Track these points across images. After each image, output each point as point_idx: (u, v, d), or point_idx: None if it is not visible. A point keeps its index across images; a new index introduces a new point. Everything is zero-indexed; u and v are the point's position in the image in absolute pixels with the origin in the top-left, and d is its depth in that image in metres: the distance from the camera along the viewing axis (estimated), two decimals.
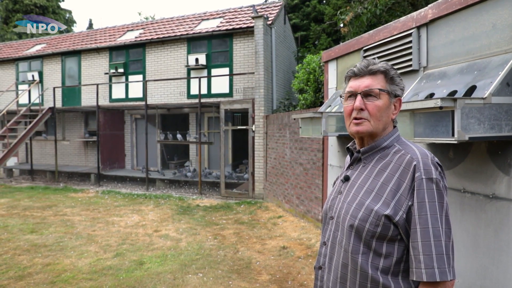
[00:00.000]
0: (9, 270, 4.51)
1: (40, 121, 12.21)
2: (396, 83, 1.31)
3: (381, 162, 1.27)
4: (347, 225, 1.23)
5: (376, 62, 1.32)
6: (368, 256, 1.19)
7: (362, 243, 1.19)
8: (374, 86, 1.26)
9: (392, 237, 1.17)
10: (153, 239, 5.83)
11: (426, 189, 1.15)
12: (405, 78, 4.01)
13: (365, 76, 1.29)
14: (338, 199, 1.33)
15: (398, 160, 1.23)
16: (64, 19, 29.43)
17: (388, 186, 1.20)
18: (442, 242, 1.11)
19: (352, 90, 1.30)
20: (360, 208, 1.21)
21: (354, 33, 8.77)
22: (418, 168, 1.17)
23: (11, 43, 17.81)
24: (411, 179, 1.17)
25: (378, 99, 1.26)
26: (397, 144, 1.29)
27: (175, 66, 11.63)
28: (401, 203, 1.17)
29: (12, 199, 9.44)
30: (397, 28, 4.04)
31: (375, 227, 1.17)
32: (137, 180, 11.83)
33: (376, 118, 1.26)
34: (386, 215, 1.16)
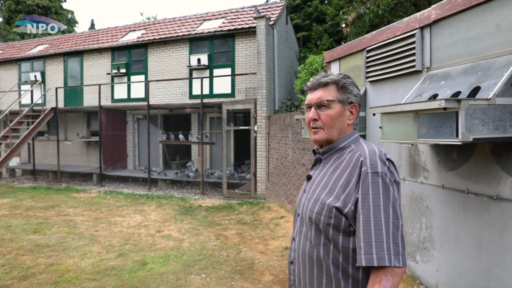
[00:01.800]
0: (12, 270, 4.52)
1: (42, 122, 12.24)
2: (349, 91, 1.41)
3: (337, 161, 1.38)
4: (307, 218, 1.36)
5: (329, 74, 1.44)
6: (329, 246, 1.29)
7: (322, 235, 1.30)
8: (324, 97, 1.39)
9: (345, 228, 1.26)
10: (156, 239, 5.83)
11: (370, 182, 1.23)
12: (408, 79, 4.01)
13: (318, 89, 1.42)
14: (303, 197, 1.45)
15: (350, 158, 1.34)
16: (66, 20, 29.50)
17: (340, 181, 1.31)
18: (382, 230, 1.18)
19: (308, 103, 1.44)
20: (316, 203, 1.33)
21: (357, 34, 8.76)
22: (364, 163, 1.27)
23: (13, 44, 17.86)
24: (358, 173, 1.27)
25: (329, 109, 1.38)
26: (354, 144, 1.39)
27: (177, 67, 11.65)
28: (350, 196, 1.27)
29: (14, 199, 9.46)
30: (400, 29, 4.03)
31: (328, 219, 1.28)
32: (139, 181, 11.84)
33: (329, 126, 1.38)
34: (336, 207, 1.27)
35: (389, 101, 4.33)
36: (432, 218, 3.62)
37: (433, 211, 3.60)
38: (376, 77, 4.57)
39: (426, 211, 3.72)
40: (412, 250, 3.94)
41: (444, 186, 3.44)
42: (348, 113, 1.41)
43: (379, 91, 4.61)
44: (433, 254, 3.59)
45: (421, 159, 3.80)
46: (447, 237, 3.39)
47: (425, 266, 3.71)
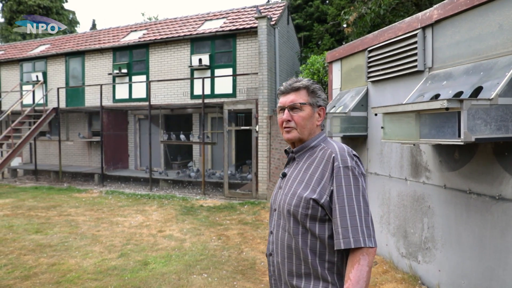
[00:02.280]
0: (15, 270, 4.54)
1: (44, 122, 12.26)
2: (317, 95, 1.57)
3: (310, 158, 1.53)
4: (286, 211, 1.48)
5: (300, 80, 1.58)
6: (306, 236, 1.43)
7: (300, 225, 1.44)
8: (297, 100, 1.53)
9: (321, 217, 1.42)
10: (157, 239, 5.84)
11: (343, 175, 1.40)
12: (410, 79, 4.01)
13: (290, 92, 1.56)
14: (279, 193, 1.58)
15: (322, 155, 1.49)
16: (67, 20, 29.54)
17: (315, 176, 1.46)
18: (356, 217, 1.34)
19: (281, 105, 1.57)
20: (294, 197, 1.46)
21: (358, 34, 8.76)
22: (336, 159, 1.43)
23: (15, 44, 17.90)
24: (331, 168, 1.43)
25: (302, 111, 1.53)
26: (323, 143, 1.55)
27: (178, 67, 11.66)
28: (325, 188, 1.42)
29: (16, 199, 9.48)
30: (402, 29, 4.03)
31: (306, 210, 1.42)
32: (140, 181, 11.85)
33: (301, 126, 1.53)
34: (313, 199, 1.41)
35: (391, 101, 4.33)
36: (434, 218, 3.62)
37: (435, 211, 3.60)
38: (377, 77, 4.57)
39: (428, 211, 3.72)
40: (414, 250, 3.94)
41: (446, 186, 3.44)
42: (317, 115, 1.57)
43: (381, 91, 4.61)
44: (435, 254, 3.58)
45: (423, 159, 3.80)
46: (449, 237, 3.39)
47: (427, 266, 3.71)
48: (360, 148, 5.08)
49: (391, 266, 4.29)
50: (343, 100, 5.29)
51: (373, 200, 4.77)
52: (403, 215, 4.14)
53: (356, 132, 4.90)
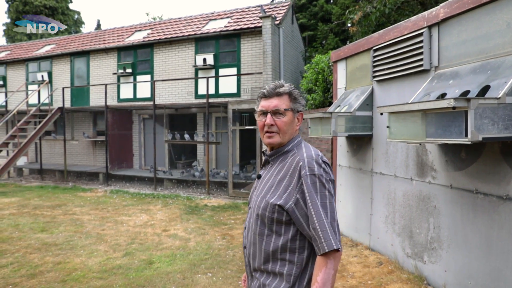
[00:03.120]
0: (21, 268, 4.56)
1: (49, 121, 12.33)
2: (298, 101, 1.62)
3: (281, 163, 1.59)
4: (255, 213, 1.58)
5: (282, 84, 1.61)
6: (271, 237, 1.52)
7: (266, 227, 1.53)
8: (280, 106, 1.57)
9: (286, 221, 1.49)
10: (162, 238, 5.85)
11: (310, 183, 1.45)
12: (415, 78, 3.99)
13: (273, 97, 1.59)
14: (254, 193, 1.66)
15: (291, 161, 1.54)
16: (73, 20, 29.70)
17: (283, 183, 1.53)
18: (324, 222, 1.41)
19: (264, 109, 1.59)
20: (263, 200, 1.54)
21: (363, 33, 8.72)
22: (303, 167, 1.48)
23: (21, 44, 18.02)
24: (298, 175, 1.49)
25: (284, 116, 1.57)
26: (296, 148, 1.59)
27: (183, 66, 11.67)
28: (291, 195, 1.48)
29: (22, 198, 9.54)
30: (408, 28, 4.01)
31: (272, 214, 1.50)
32: (145, 180, 11.88)
33: (283, 132, 1.58)
34: (278, 205, 1.48)
35: (396, 100, 4.30)
36: (440, 218, 3.60)
37: (441, 211, 3.58)
38: (383, 76, 4.55)
39: (433, 211, 3.69)
40: (419, 250, 3.91)
41: (452, 186, 3.42)
42: (296, 120, 1.63)
43: (386, 91, 4.59)
44: (441, 254, 3.56)
45: (429, 158, 3.78)
46: (455, 237, 3.37)
47: (432, 267, 3.69)
48: (365, 148, 5.06)
49: (396, 266, 4.27)
50: (348, 100, 5.27)
51: (378, 200, 4.75)
52: (409, 215, 4.11)
53: (361, 131, 4.88)
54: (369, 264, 4.48)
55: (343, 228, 5.64)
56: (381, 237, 4.70)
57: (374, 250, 4.84)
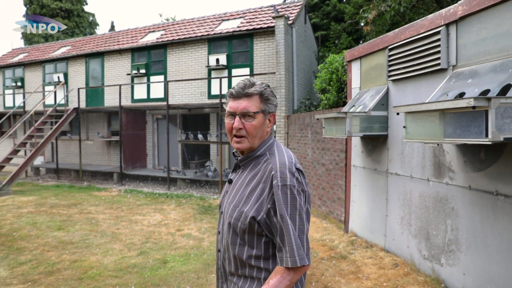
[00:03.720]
0: (39, 266, 4.65)
1: (65, 121, 12.54)
2: (270, 102, 1.52)
3: (254, 170, 1.51)
4: (227, 222, 1.51)
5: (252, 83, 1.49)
6: (243, 247, 1.47)
7: (238, 237, 1.47)
8: (250, 108, 1.46)
9: (258, 232, 1.44)
10: (176, 238, 5.89)
11: (281, 194, 1.38)
12: (432, 78, 3.92)
13: (242, 98, 1.48)
14: (226, 197, 1.59)
15: (264, 169, 1.46)
16: (87, 22, 30.16)
17: (255, 192, 1.45)
18: (291, 236, 1.36)
19: (232, 111, 1.49)
20: (235, 210, 1.48)
21: (377, 32, 8.63)
22: (275, 177, 1.40)
23: (38, 46, 18.37)
24: (270, 185, 1.41)
25: (254, 119, 1.47)
26: (268, 153, 1.51)
27: (196, 67, 11.74)
28: (262, 205, 1.42)
29: (39, 196, 9.73)
30: (424, 26, 3.94)
31: (244, 225, 1.43)
32: (158, 180, 11.98)
33: (252, 136, 1.48)
34: (252, 216, 1.42)
35: (412, 100, 4.24)
36: (458, 220, 3.53)
37: (459, 212, 3.51)
38: (398, 75, 4.48)
39: (451, 212, 3.63)
40: (436, 253, 3.85)
41: (471, 187, 3.35)
42: (267, 121, 1.53)
43: (402, 90, 4.53)
44: (459, 257, 3.49)
45: (446, 159, 3.71)
46: (474, 240, 3.30)
47: (450, 270, 3.62)
48: (380, 148, 5.00)
49: (412, 268, 4.20)
50: (362, 100, 5.22)
51: (394, 201, 4.68)
52: (425, 217, 4.05)
53: (376, 131, 4.83)
54: (385, 265, 4.43)
55: (358, 229, 5.59)
56: (396, 238, 4.64)
57: (390, 252, 4.78)
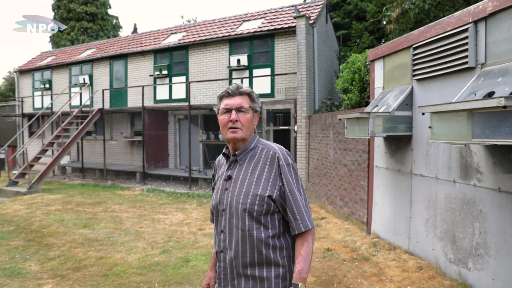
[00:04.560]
0: (67, 261, 4.80)
1: (90, 122, 12.88)
2: (256, 102, 1.76)
3: (253, 159, 1.71)
4: (241, 210, 1.63)
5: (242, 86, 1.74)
6: (260, 230, 1.62)
7: (255, 221, 1.62)
8: (244, 103, 1.70)
9: (273, 210, 1.64)
10: (198, 237, 5.95)
11: (287, 171, 1.67)
12: (459, 76, 3.82)
13: (237, 95, 1.71)
14: (226, 194, 1.71)
15: (265, 155, 1.70)
16: (111, 25, 30.86)
17: (263, 175, 1.66)
18: (302, 205, 1.64)
19: (228, 107, 1.70)
20: (248, 196, 1.63)
21: (400, 30, 8.47)
22: (280, 159, 1.68)
23: (65, 49, 18.94)
24: (277, 166, 1.67)
25: (247, 114, 1.70)
26: (260, 144, 1.75)
27: (217, 67, 11.83)
28: (274, 185, 1.64)
29: (66, 195, 10.03)
30: (451, 24, 3.85)
31: (261, 207, 1.61)
32: (180, 179, 12.14)
33: (246, 128, 1.70)
34: (268, 196, 1.62)
35: (438, 100, 4.14)
36: (486, 223, 3.43)
37: (488, 215, 3.40)
38: (423, 75, 4.39)
39: (479, 215, 3.52)
40: (463, 256, 3.75)
41: (500, 189, 3.25)
42: (254, 119, 1.76)
43: (427, 90, 4.43)
44: (488, 261, 3.39)
45: (474, 160, 3.61)
46: (504, 244, 3.19)
47: (478, 274, 3.52)
48: (403, 149, 4.91)
49: (437, 271, 4.11)
50: (386, 99, 5.13)
51: (418, 202, 4.59)
52: (451, 219, 3.95)
53: (400, 132, 4.74)
54: (408, 268, 4.34)
55: (380, 231, 5.50)
56: (421, 241, 4.54)
57: (414, 254, 4.68)
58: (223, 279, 1.71)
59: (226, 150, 1.81)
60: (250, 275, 1.65)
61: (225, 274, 1.70)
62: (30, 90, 17.32)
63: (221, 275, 1.72)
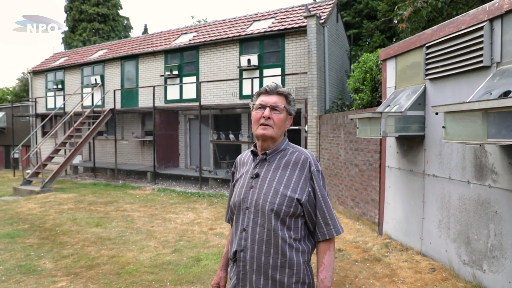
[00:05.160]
0: (80, 260, 4.86)
1: (102, 122, 13.02)
2: (292, 106, 1.76)
3: (282, 160, 1.70)
4: (268, 209, 1.61)
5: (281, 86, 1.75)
6: (284, 231, 1.61)
7: (280, 221, 1.60)
8: (279, 103, 1.70)
9: (298, 214, 1.63)
10: (209, 236, 5.97)
11: (319, 178, 1.68)
12: (473, 76, 3.77)
13: (274, 94, 1.72)
14: (251, 192, 1.68)
15: (296, 159, 1.70)
16: (122, 25, 31.16)
17: (293, 178, 1.65)
18: (331, 212, 1.68)
19: (263, 104, 1.70)
20: (276, 196, 1.62)
21: (412, 29, 8.38)
22: (311, 164, 1.68)
23: (77, 50, 19.19)
24: (308, 171, 1.67)
25: (280, 114, 1.69)
26: (290, 147, 1.75)
27: (227, 67, 11.85)
28: (303, 189, 1.64)
29: (78, 194, 10.16)
30: (466, 22, 3.80)
31: (289, 208, 1.60)
32: (190, 179, 12.20)
33: (277, 127, 1.69)
34: (297, 198, 1.61)
35: (452, 99, 4.09)
36: (502, 224, 3.37)
37: (504, 217, 3.35)
38: (437, 74, 4.34)
39: (494, 216, 3.47)
40: (478, 258, 3.69)
41: None
42: (287, 122, 1.76)
43: (440, 89, 4.38)
44: (503, 263, 3.33)
45: (489, 161, 3.55)
46: None
47: (494, 276, 3.46)
48: (416, 149, 4.86)
49: (451, 273, 4.05)
50: (398, 99, 5.09)
51: (431, 203, 4.54)
52: (465, 220, 3.89)
53: (412, 132, 4.69)
54: (421, 270, 4.30)
55: (392, 231, 5.46)
56: (433, 242, 4.49)
57: (426, 256, 4.63)
58: (241, 278, 1.67)
59: (254, 148, 1.79)
60: (270, 277, 1.61)
61: (244, 274, 1.66)
62: (43, 91, 17.59)
63: (239, 274, 1.68)
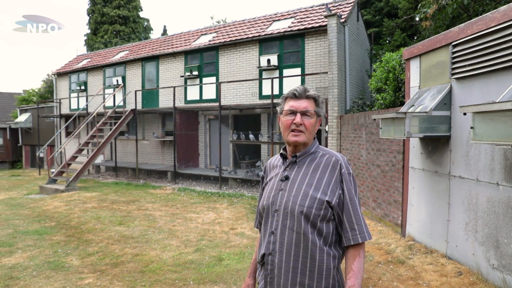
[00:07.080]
0: (105, 257, 4.97)
1: (123, 122, 13.26)
2: (320, 107, 1.73)
3: (313, 163, 1.68)
4: (298, 212, 1.58)
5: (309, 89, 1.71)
6: (314, 234, 1.57)
7: (310, 224, 1.57)
8: (309, 108, 1.67)
9: (329, 217, 1.59)
10: (230, 236, 6.01)
11: (349, 181, 1.64)
12: (504, 74, 3.66)
13: (303, 98, 1.68)
14: (280, 195, 1.66)
15: (327, 161, 1.67)
16: (143, 27, 31.64)
17: (323, 180, 1.62)
18: (360, 216, 1.61)
19: (293, 109, 1.67)
20: (306, 198, 1.59)
21: (436, 27, 8.21)
22: (342, 166, 1.65)
23: (99, 52, 19.61)
24: (339, 174, 1.63)
25: (311, 118, 1.67)
26: (320, 150, 1.73)
27: (247, 68, 11.88)
28: (334, 191, 1.60)
29: (101, 193, 10.38)
30: (496, 19, 3.69)
31: (319, 211, 1.57)
32: (210, 179, 12.29)
33: (309, 132, 1.67)
34: (327, 201, 1.58)
35: (479, 99, 3.99)
36: None
37: None
38: (464, 73, 4.24)
39: None
40: (508, 263, 3.59)
41: None
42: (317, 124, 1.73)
43: (468, 89, 4.27)
44: None
45: None
46: None
47: None
48: (441, 150, 4.76)
49: (479, 278, 3.95)
50: (422, 99, 4.99)
51: (457, 205, 4.43)
52: (494, 223, 3.79)
53: (438, 132, 4.60)
54: (447, 273, 4.20)
55: (416, 233, 5.36)
56: (460, 245, 4.39)
57: (452, 259, 4.53)
58: (269, 282, 1.64)
59: (284, 151, 1.77)
60: (299, 281, 1.57)
61: (272, 278, 1.63)
62: (67, 92, 18.06)
63: (267, 278, 1.65)
